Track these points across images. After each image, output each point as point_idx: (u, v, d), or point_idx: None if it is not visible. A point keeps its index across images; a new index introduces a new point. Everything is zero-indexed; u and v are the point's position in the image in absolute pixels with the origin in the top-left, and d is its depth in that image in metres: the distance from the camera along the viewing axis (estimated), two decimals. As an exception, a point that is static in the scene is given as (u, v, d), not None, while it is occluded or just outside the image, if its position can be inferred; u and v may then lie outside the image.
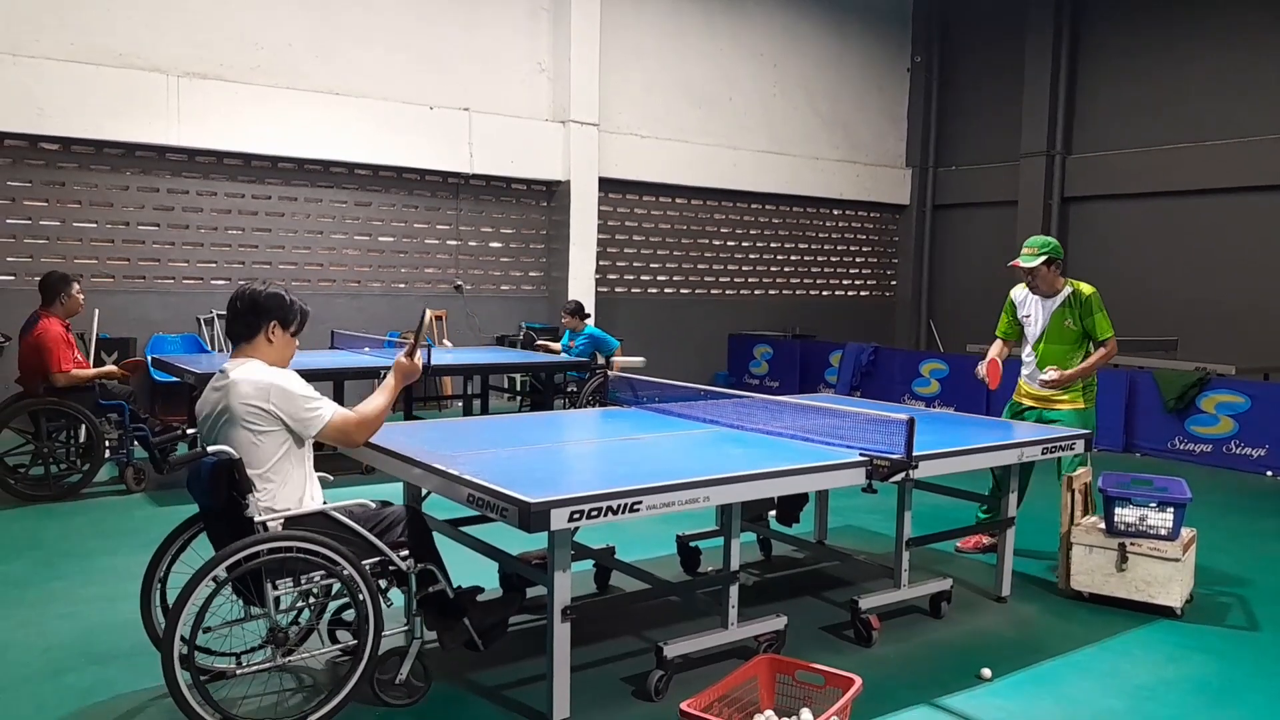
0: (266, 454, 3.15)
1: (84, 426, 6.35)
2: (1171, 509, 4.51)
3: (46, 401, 6.24)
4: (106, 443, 6.42)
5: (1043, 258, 5.23)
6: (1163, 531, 4.51)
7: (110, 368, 6.86)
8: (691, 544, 5.01)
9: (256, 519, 3.10)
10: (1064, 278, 5.36)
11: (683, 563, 5.01)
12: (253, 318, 3.26)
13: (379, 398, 3.37)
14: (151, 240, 9.47)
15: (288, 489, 3.21)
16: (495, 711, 3.38)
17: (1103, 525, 4.67)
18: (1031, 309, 5.41)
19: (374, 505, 3.45)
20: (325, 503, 3.32)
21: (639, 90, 12.31)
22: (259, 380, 3.14)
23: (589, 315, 9.70)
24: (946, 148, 15.32)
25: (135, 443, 6.58)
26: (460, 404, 9.04)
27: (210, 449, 3.10)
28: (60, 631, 4.04)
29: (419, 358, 3.49)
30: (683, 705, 2.92)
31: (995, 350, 5.57)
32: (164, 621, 3.33)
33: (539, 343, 9.63)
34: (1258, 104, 11.75)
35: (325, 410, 3.22)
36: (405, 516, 3.42)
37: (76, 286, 6.61)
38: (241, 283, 3.38)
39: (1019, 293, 5.51)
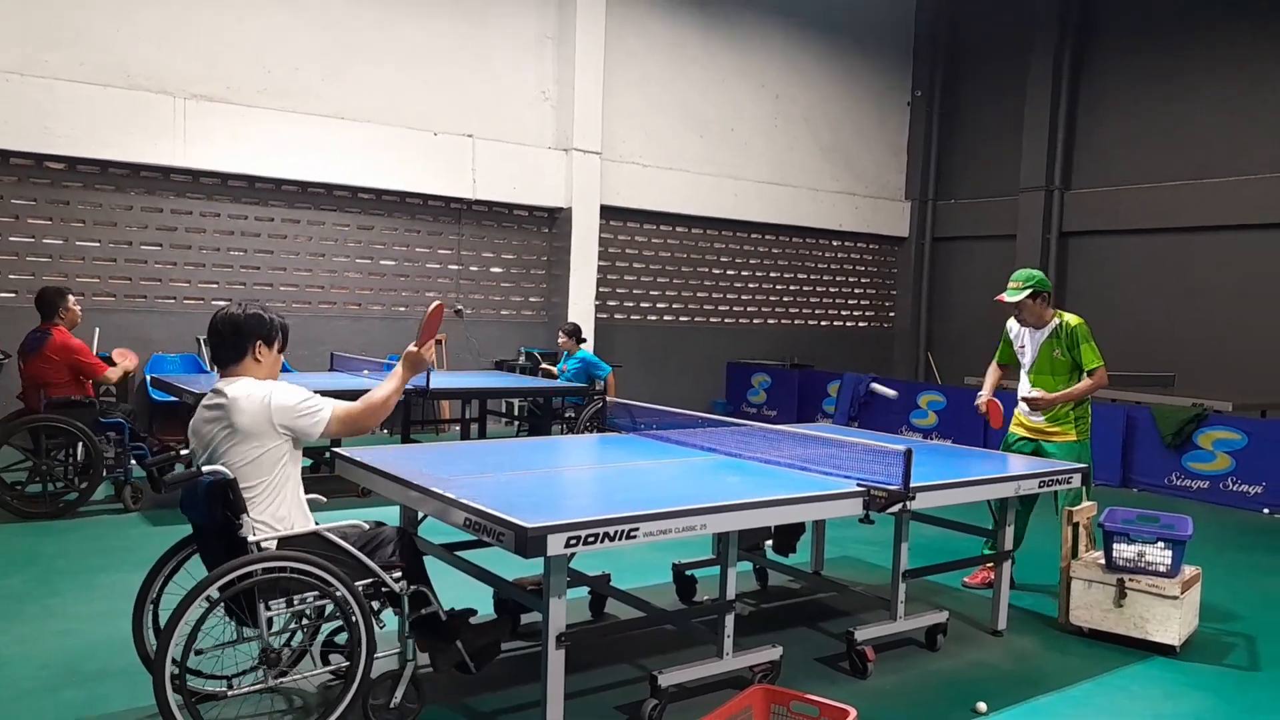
0: (265, 469, 3.15)
1: (82, 444, 6.34)
2: (1170, 546, 4.50)
3: (47, 418, 6.24)
4: (105, 461, 6.41)
5: (1027, 291, 5.28)
6: (1161, 568, 4.50)
7: (125, 365, 6.75)
8: (687, 572, 4.99)
9: (250, 539, 3.09)
10: (1052, 309, 5.40)
11: (678, 591, 4.98)
12: (237, 340, 3.28)
13: (387, 384, 3.39)
14: (154, 260, 9.51)
15: (281, 506, 3.21)
16: (488, 738, 3.36)
17: (1103, 560, 4.66)
18: (1024, 340, 5.46)
19: (367, 526, 3.45)
20: (317, 524, 3.31)
21: (642, 119, 12.42)
22: (257, 396, 3.16)
23: (585, 339, 9.73)
24: (946, 181, 15.43)
25: (134, 461, 6.57)
26: (458, 428, 9.03)
27: (206, 469, 3.10)
28: (56, 648, 4.02)
29: (429, 349, 3.48)
30: (677, 734, 2.90)
31: (991, 380, 5.61)
32: (155, 642, 3.31)
33: (543, 367, 9.66)
34: (1257, 142, 11.84)
35: (324, 408, 3.25)
36: (397, 538, 3.41)
37: (72, 299, 6.65)
38: (218, 304, 3.39)
39: (1013, 325, 5.56)
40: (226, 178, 9.75)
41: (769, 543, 5.11)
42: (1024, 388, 5.48)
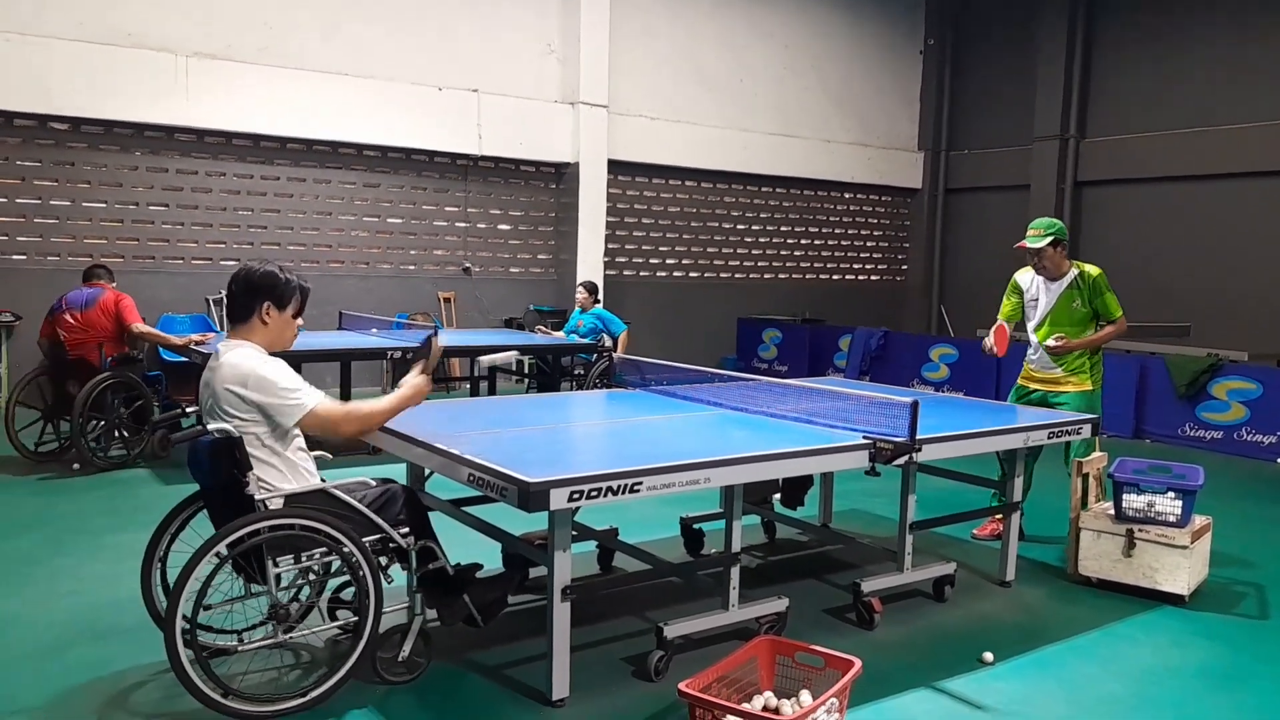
0: (263, 430, 3.13)
1: (139, 399, 6.60)
2: (1180, 496, 4.47)
3: (116, 375, 6.50)
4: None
5: (1049, 238, 5.20)
6: (1171, 518, 4.47)
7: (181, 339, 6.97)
8: (695, 526, 5.00)
9: (257, 497, 3.10)
10: (1069, 259, 5.33)
11: (686, 545, 5.00)
12: (246, 299, 3.20)
13: (384, 401, 3.30)
14: (160, 220, 9.49)
15: (286, 464, 3.20)
16: (495, 690, 3.39)
17: (1112, 511, 4.64)
18: (1037, 291, 5.38)
19: (374, 483, 3.45)
20: (324, 480, 3.31)
21: (649, 72, 12.24)
22: (244, 367, 3.09)
23: (600, 299, 9.69)
24: (959, 131, 15.19)
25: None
26: (467, 385, 9.04)
27: (211, 427, 3.10)
28: (66, 608, 4.07)
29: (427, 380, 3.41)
30: (681, 685, 2.91)
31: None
32: (164, 599, 3.34)
33: (539, 327, 9.60)
34: (1273, 88, 11.59)
35: (307, 399, 3.11)
36: (403, 494, 3.41)
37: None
38: (227, 264, 3.34)
39: (1024, 276, 5.48)
40: (231, 136, 9.69)
41: (777, 496, 5.11)
42: (1033, 340, 5.42)
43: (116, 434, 6.67)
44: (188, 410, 3.41)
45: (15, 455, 6.60)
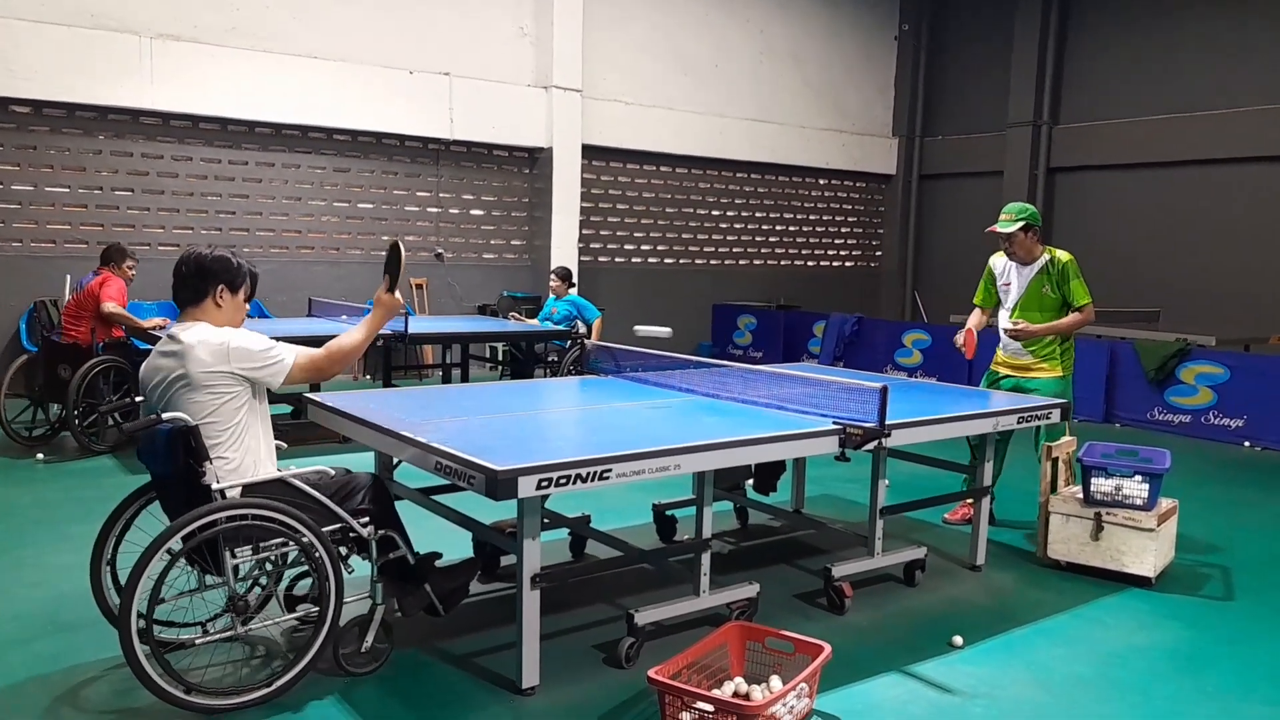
0: (226, 417, 3.08)
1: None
2: (1147, 479, 4.51)
3: (105, 360, 6.57)
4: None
5: (1020, 223, 5.21)
6: (1138, 501, 4.51)
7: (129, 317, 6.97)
8: (667, 512, 4.99)
9: (214, 487, 3.04)
10: (1042, 245, 5.34)
11: (659, 531, 4.99)
12: (199, 282, 3.19)
13: (357, 333, 3.38)
14: (126, 206, 9.33)
15: (247, 451, 3.15)
16: (465, 679, 3.36)
17: (1081, 495, 4.67)
18: (1010, 276, 5.39)
19: (334, 472, 3.40)
20: (280, 470, 3.26)
21: (623, 56, 12.15)
22: (215, 343, 3.08)
23: (574, 285, 9.64)
24: (933, 117, 15.22)
25: None
26: (440, 373, 8.98)
27: (165, 416, 3.03)
28: (29, 599, 3.99)
29: (398, 293, 3.44)
30: (650, 673, 2.90)
31: (974, 320, 5.56)
32: (116, 594, 3.29)
33: (512, 314, 9.53)
34: (1244, 75, 11.69)
35: (286, 356, 3.20)
36: (368, 483, 3.38)
37: (130, 262, 7.04)
38: (187, 247, 3.32)
39: (998, 261, 5.49)
40: (198, 120, 9.53)
41: (750, 482, 5.11)
42: (1005, 325, 5.44)
43: (109, 420, 6.63)
44: (137, 399, 3.32)
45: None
